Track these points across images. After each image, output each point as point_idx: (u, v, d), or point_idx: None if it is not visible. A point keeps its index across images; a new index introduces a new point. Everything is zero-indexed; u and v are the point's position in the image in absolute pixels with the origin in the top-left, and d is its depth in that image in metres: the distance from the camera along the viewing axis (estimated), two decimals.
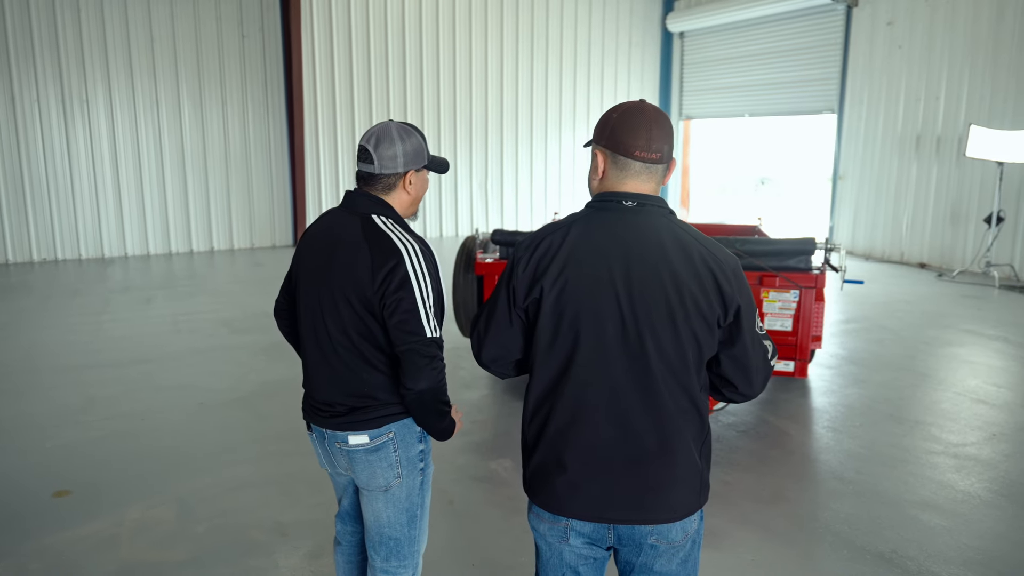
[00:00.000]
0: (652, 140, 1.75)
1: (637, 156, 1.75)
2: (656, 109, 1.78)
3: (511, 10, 13.59)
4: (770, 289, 4.49)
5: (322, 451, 2.30)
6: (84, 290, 8.94)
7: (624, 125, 1.76)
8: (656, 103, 15.41)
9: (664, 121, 1.77)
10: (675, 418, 1.73)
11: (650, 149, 1.75)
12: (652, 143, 1.75)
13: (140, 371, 5.90)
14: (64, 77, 10.56)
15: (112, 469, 4.19)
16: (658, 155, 1.76)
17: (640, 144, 1.74)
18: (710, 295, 1.70)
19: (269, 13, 11.75)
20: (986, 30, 9.83)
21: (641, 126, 1.74)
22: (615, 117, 1.78)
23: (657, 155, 1.76)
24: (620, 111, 1.78)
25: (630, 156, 1.76)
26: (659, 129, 1.75)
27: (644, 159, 1.75)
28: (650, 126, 1.75)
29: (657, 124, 1.75)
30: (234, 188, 11.98)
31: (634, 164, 1.76)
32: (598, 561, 1.90)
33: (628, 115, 1.76)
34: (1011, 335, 6.99)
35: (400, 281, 2.03)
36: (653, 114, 1.76)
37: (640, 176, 1.77)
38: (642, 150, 1.75)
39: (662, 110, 1.80)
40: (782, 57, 12.98)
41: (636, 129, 1.74)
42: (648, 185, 1.79)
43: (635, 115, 1.76)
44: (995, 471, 4.18)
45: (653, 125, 1.75)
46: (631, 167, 1.77)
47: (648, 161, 1.76)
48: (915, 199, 10.98)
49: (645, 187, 1.79)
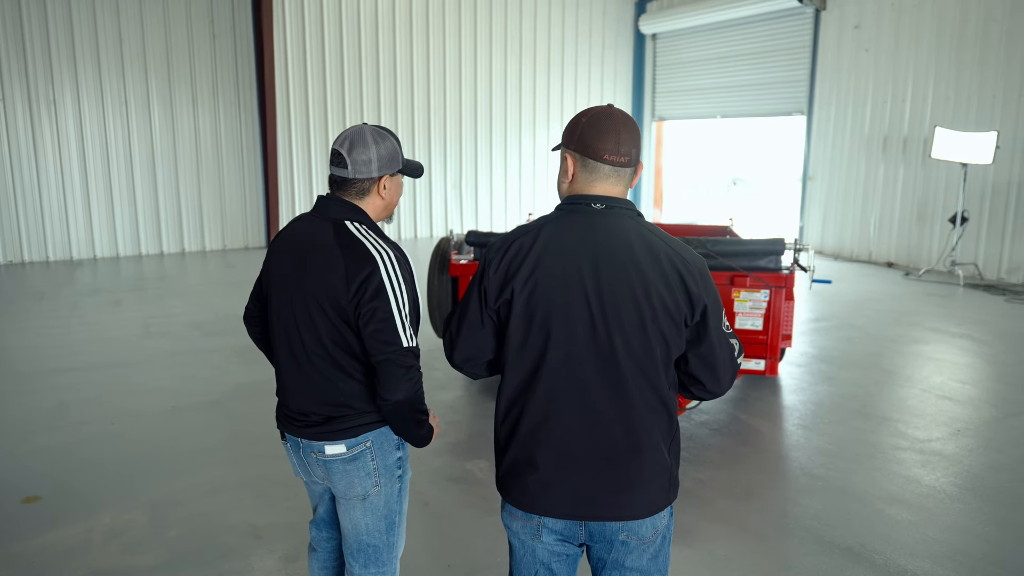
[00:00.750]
0: (621, 144, 1.78)
1: (606, 160, 1.79)
2: (624, 114, 1.82)
3: (484, 10, 13.60)
4: (741, 289, 4.56)
5: (297, 460, 2.27)
6: (51, 293, 8.79)
7: (593, 129, 1.79)
8: (628, 104, 15.55)
9: (632, 125, 1.81)
10: (644, 416, 1.77)
11: (619, 153, 1.78)
12: (621, 147, 1.78)
13: (111, 375, 5.82)
14: (31, 76, 10.37)
15: (83, 474, 4.14)
16: (626, 158, 1.80)
17: (609, 148, 1.78)
18: (677, 295, 1.74)
19: (240, 12, 11.64)
20: (950, 34, 10.04)
21: (610, 130, 1.78)
22: (584, 121, 1.81)
23: (626, 158, 1.80)
24: (589, 115, 1.81)
25: (599, 160, 1.79)
26: (627, 133, 1.79)
27: (613, 162, 1.79)
28: (619, 130, 1.78)
29: (626, 128, 1.79)
30: (205, 189, 11.85)
31: (603, 167, 1.80)
32: (570, 557, 1.93)
33: (597, 119, 1.80)
34: (975, 332, 7.15)
35: (375, 290, 2.01)
36: (621, 119, 1.80)
37: (609, 179, 1.81)
38: (611, 153, 1.78)
39: (629, 115, 1.84)
40: (752, 59, 13.14)
41: (605, 133, 1.78)
42: (617, 188, 1.83)
43: (604, 119, 1.80)
44: (959, 466, 4.29)
45: (622, 129, 1.79)
46: (600, 170, 1.80)
47: (617, 164, 1.80)
48: (882, 199, 11.18)
49: (614, 190, 1.82)
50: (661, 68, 15.28)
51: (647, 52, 15.44)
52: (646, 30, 15.04)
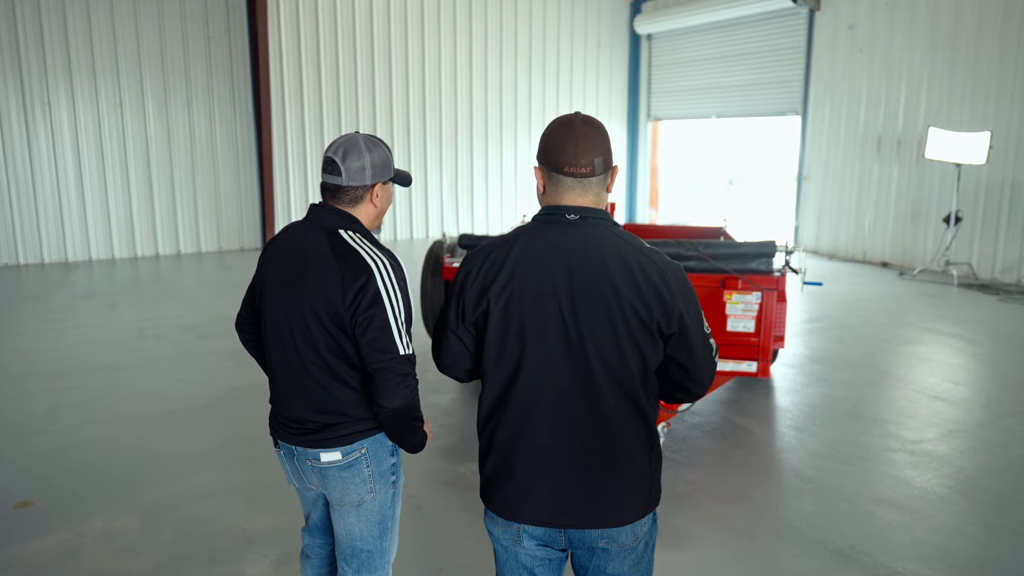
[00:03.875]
0: (579, 155, 1.76)
1: (567, 172, 1.78)
2: (586, 122, 1.78)
3: (479, 12, 13.61)
4: (732, 291, 4.57)
5: (291, 468, 2.27)
6: (46, 296, 8.78)
7: (552, 142, 1.79)
8: (623, 104, 15.55)
9: (593, 133, 1.78)
10: (621, 425, 1.78)
11: (578, 164, 1.76)
12: (580, 158, 1.76)
13: (105, 378, 5.82)
14: (25, 79, 10.36)
15: (76, 478, 4.14)
16: (588, 168, 1.77)
17: (568, 160, 1.76)
18: (650, 304, 1.73)
19: (235, 13, 11.63)
20: (944, 34, 10.07)
21: (567, 141, 1.76)
22: (547, 133, 1.81)
23: (587, 169, 1.77)
24: (553, 126, 1.81)
25: (560, 172, 1.78)
26: (587, 142, 1.76)
27: (574, 174, 1.77)
28: (576, 141, 1.76)
29: (584, 138, 1.76)
30: (201, 190, 11.84)
31: (565, 179, 1.79)
32: (554, 562, 1.94)
33: (557, 131, 1.79)
34: (968, 333, 7.17)
35: (372, 298, 2.02)
36: (582, 128, 1.77)
37: (574, 191, 1.80)
38: (570, 165, 1.77)
39: (594, 121, 1.80)
40: (747, 60, 13.16)
41: (563, 145, 1.77)
42: (586, 198, 1.81)
43: (563, 130, 1.78)
44: (950, 467, 4.30)
45: (580, 139, 1.76)
46: (563, 183, 1.80)
47: (578, 176, 1.78)
48: (877, 199, 11.21)
49: (583, 200, 1.81)
50: (656, 68, 15.30)
51: (642, 52, 15.45)
52: (641, 30, 15.05)
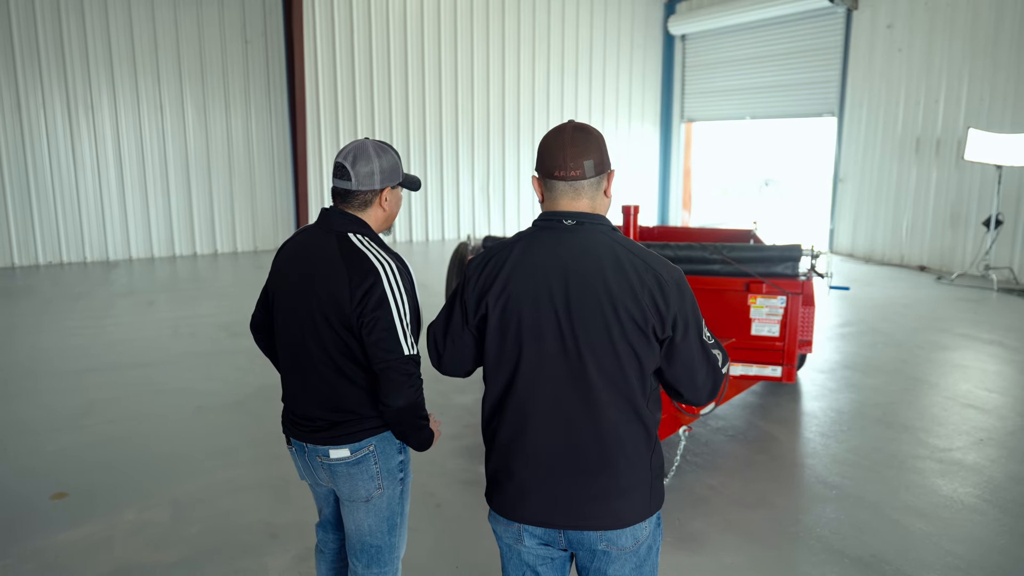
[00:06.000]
0: (568, 159, 1.79)
1: (557, 176, 1.81)
2: (577, 127, 1.82)
3: (512, 14, 13.66)
4: (757, 295, 4.54)
5: (302, 464, 2.34)
6: (87, 293, 9.05)
7: (545, 148, 1.83)
8: (657, 106, 15.47)
9: (583, 138, 1.80)
10: (617, 429, 1.79)
11: (567, 168, 1.79)
12: (568, 162, 1.79)
13: (140, 375, 5.99)
14: (69, 82, 10.69)
15: (110, 472, 4.27)
16: (577, 172, 1.79)
17: (557, 164, 1.80)
18: (646, 309, 1.74)
19: (272, 18, 11.85)
20: (985, 33, 9.84)
21: (556, 147, 1.80)
22: (541, 142, 1.85)
23: (576, 172, 1.79)
24: (546, 135, 1.86)
25: (552, 177, 1.82)
26: (575, 147, 1.79)
27: (564, 178, 1.80)
28: (564, 146, 1.79)
29: (573, 143, 1.79)
30: (237, 191, 12.09)
31: (558, 184, 1.82)
32: (557, 561, 1.97)
33: (548, 138, 1.84)
34: (1006, 339, 7.01)
35: (378, 300, 2.08)
36: (572, 133, 1.81)
37: (567, 195, 1.82)
38: (560, 169, 1.80)
39: (587, 127, 1.83)
40: (783, 60, 13.00)
41: (552, 151, 1.81)
42: (580, 203, 1.83)
43: (553, 137, 1.82)
44: (980, 476, 4.22)
45: (568, 144, 1.79)
46: (556, 188, 1.83)
47: (568, 179, 1.80)
48: (915, 202, 10.99)
49: (578, 205, 1.83)
50: (690, 69, 15.19)
51: (676, 53, 15.36)
52: (675, 31, 14.96)
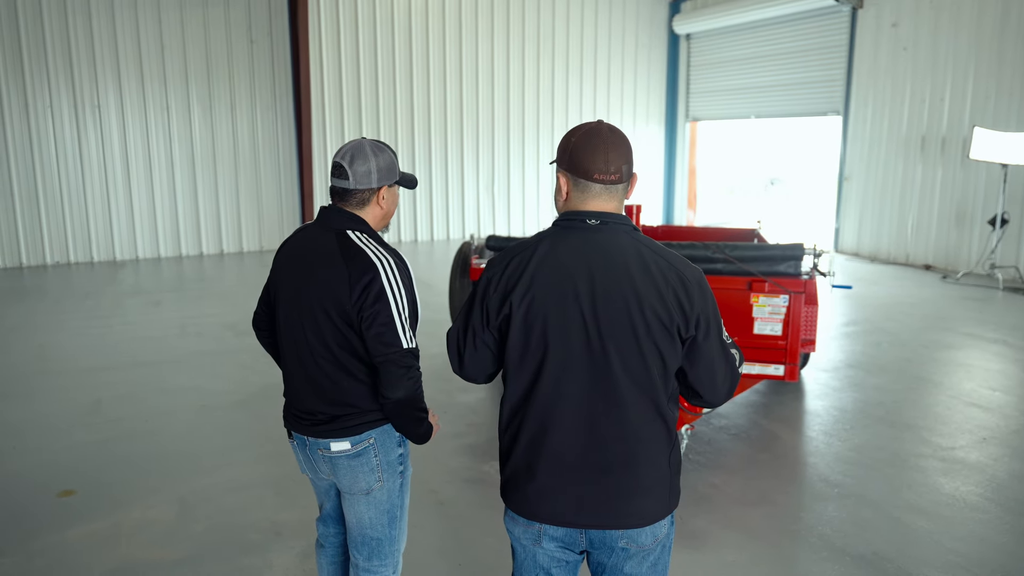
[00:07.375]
0: (610, 162, 1.80)
1: (596, 179, 1.81)
2: (612, 130, 1.84)
3: (517, 13, 13.67)
4: (759, 294, 4.55)
5: (304, 458, 2.38)
6: (95, 293, 9.11)
7: (582, 149, 1.82)
8: (662, 105, 15.47)
9: (620, 141, 1.83)
10: (641, 428, 1.81)
11: (608, 171, 1.81)
12: (610, 165, 1.81)
13: (147, 374, 6.03)
14: (76, 83, 10.75)
15: (116, 469, 4.31)
16: (616, 176, 1.82)
17: (599, 167, 1.80)
18: (671, 308, 1.76)
19: (277, 19, 11.89)
20: (990, 31, 9.81)
21: (599, 149, 1.80)
22: (573, 141, 1.84)
23: (616, 176, 1.82)
24: (579, 134, 1.84)
25: (590, 179, 1.82)
26: (616, 151, 1.81)
27: (603, 181, 1.82)
28: (607, 149, 1.80)
29: (613, 146, 1.81)
30: (243, 191, 12.14)
31: (594, 186, 1.83)
32: (570, 564, 1.98)
33: (586, 138, 1.82)
34: (1011, 338, 6.99)
35: (376, 295, 2.12)
36: (609, 136, 1.82)
37: (601, 197, 1.84)
38: (601, 172, 1.81)
39: (618, 130, 1.86)
40: (788, 59, 12.99)
41: (594, 152, 1.80)
42: (610, 204, 1.85)
43: (592, 138, 1.82)
44: (982, 474, 4.22)
45: (610, 148, 1.81)
46: (591, 189, 1.83)
47: (607, 183, 1.82)
48: (920, 200, 10.97)
49: (607, 206, 1.85)
50: (695, 68, 15.18)
51: (681, 52, 15.35)
52: (680, 30, 14.95)
